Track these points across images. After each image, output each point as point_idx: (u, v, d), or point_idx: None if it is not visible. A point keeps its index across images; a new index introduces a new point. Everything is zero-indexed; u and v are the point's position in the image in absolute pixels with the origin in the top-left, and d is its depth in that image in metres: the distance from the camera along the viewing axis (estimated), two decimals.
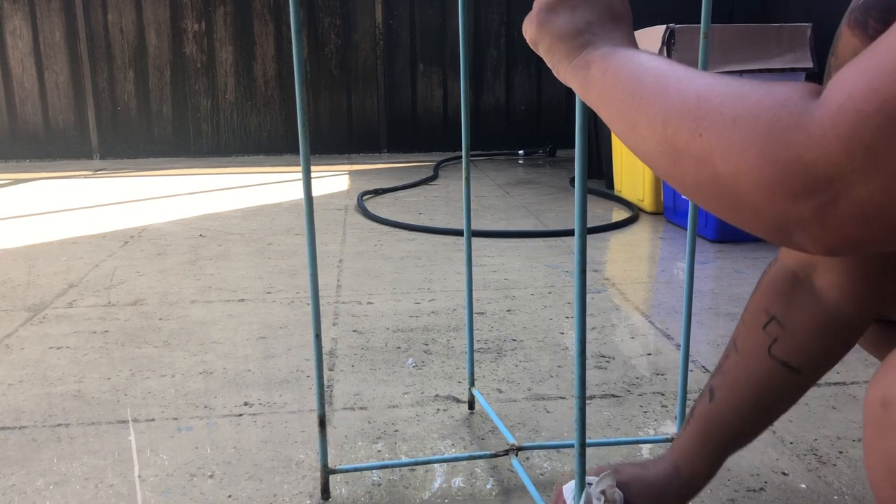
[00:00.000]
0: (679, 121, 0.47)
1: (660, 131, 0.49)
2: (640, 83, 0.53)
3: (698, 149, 0.45)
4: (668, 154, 0.48)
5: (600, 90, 0.58)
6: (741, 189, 0.42)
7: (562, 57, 0.62)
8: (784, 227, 0.41)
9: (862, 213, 0.38)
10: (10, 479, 1.14)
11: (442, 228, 2.89)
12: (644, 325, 1.82)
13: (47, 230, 2.99)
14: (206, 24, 5.42)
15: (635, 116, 0.52)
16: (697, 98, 0.47)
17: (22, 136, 5.45)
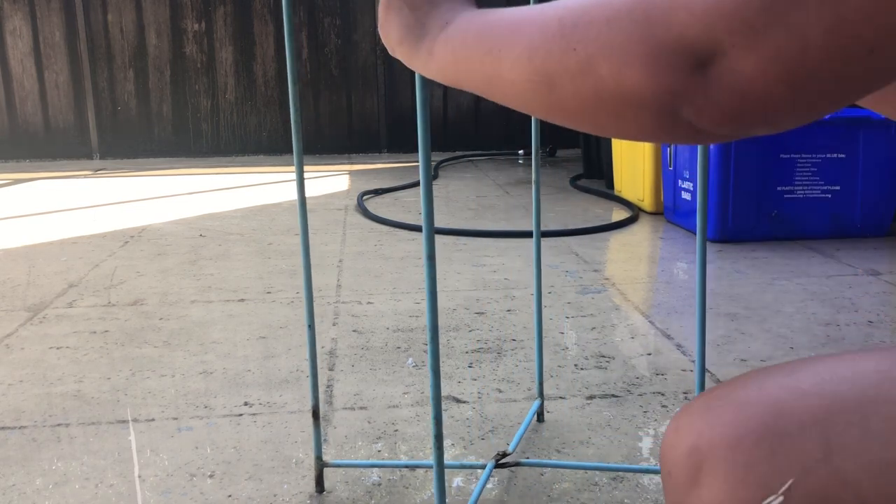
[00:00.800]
0: (546, 47, 0.46)
1: (527, 67, 0.48)
2: (492, 37, 0.52)
3: (574, 63, 0.45)
4: (542, 85, 0.47)
5: (455, 66, 0.56)
6: (626, 81, 0.42)
7: (411, 57, 0.61)
8: (672, 106, 0.42)
9: (738, 85, 0.40)
10: (10, 479, 1.14)
11: (442, 228, 2.89)
12: (644, 325, 1.82)
13: (47, 230, 2.99)
14: (206, 24, 5.42)
15: (498, 69, 0.50)
16: (559, 21, 0.46)
17: (22, 136, 5.45)
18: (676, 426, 0.56)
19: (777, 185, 2.64)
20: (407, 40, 0.60)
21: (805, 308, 1.92)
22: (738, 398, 0.54)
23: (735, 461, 0.51)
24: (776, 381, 0.55)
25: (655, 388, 1.45)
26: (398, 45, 0.61)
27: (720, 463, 0.51)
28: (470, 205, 3.48)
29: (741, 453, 0.51)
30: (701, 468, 0.52)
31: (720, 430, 0.52)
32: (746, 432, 0.51)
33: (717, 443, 0.52)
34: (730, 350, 1.64)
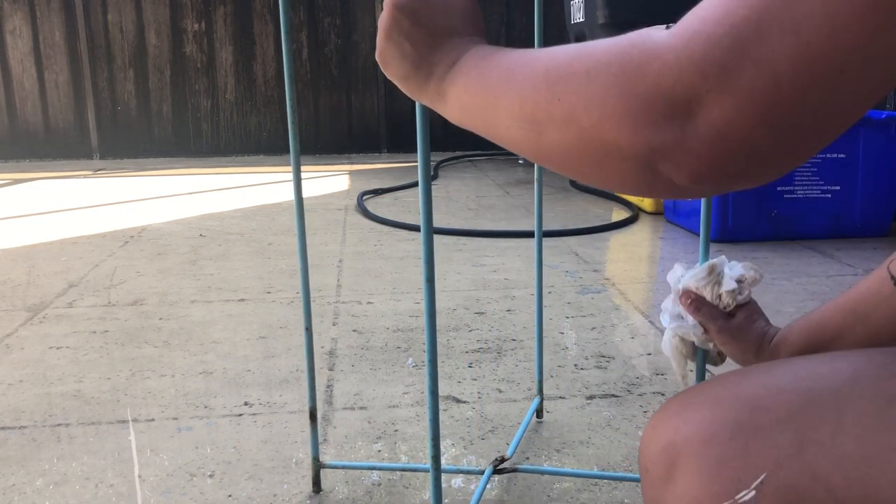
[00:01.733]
0: (534, 96, 0.48)
1: (519, 114, 0.49)
2: (489, 85, 0.52)
3: (559, 112, 0.46)
4: (532, 132, 0.48)
5: (461, 112, 0.56)
6: (606, 134, 0.43)
7: (419, 94, 0.61)
8: (650, 160, 0.42)
9: (718, 132, 0.39)
10: (10, 479, 1.14)
11: (442, 228, 2.89)
12: (644, 325, 1.82)
13: (47, 230, 2.99)
14: (206, 24, 5.42)
15: (497, 116, 0.51)
16: (545, 71, 0.47)
17: (22, 136, 5.45)
18: (654, 424, 0.57)
19: (777, 185, 2.64)
20: (414, 78, 0.60)
21: (805, 308, 1.92)
22: (715, 395, 0.55)
23: (708, 456, 0.52)
24: (753, 378, 0.56)
25: (655, 388, 1.45)
26: (403, 80, 0.61)
27: (694, 458, 0.52)
28: (470, 205, 3.48)
29: (714, 448, 0.52)
30: (675, 463, 0.53)
31: (695, 427, 0.53)
32: (720, 428, 0.52)
33: (691, 438, 0.53)
34: None
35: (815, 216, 2.67)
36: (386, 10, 0.60)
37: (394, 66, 0.61)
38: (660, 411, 0.58)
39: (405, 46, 0.59)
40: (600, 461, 1.19)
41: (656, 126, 0.40)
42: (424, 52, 0.59)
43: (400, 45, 0.60)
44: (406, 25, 0.59)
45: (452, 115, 0.57)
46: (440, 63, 0.58)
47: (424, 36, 0.59)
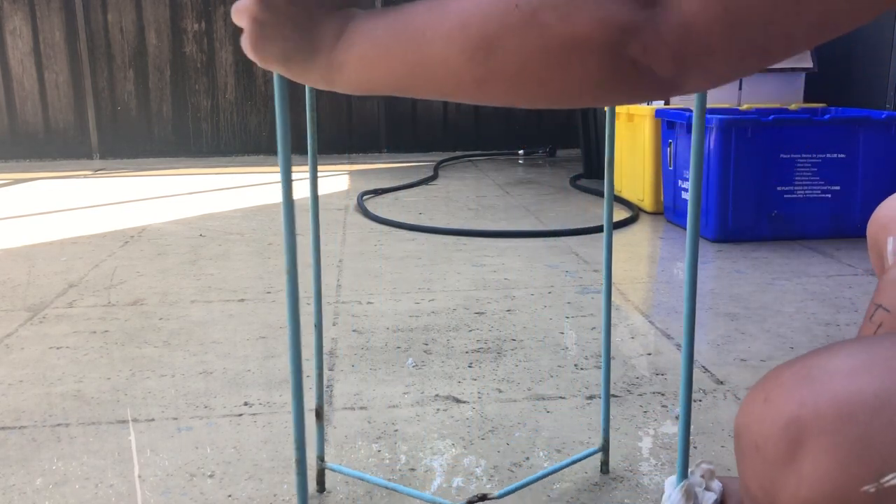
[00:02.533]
0: (482, 11, 0.46)
1: (461, 38, 0.47)
2: (414, 24, 0.50)
3: (517, 19, 0.45)
4: (478, 51, 0.46)
5: (369, 69, 0.53)
6: (573, 26, 0.43)
7: (305, 73, 0.58)
8: (619, 43, 0.43)
9: (684, 20, 0.41)
10: (10, 479, 1.14)
11: (442, 228, 2.89)
12: (644, 325, 1.82)
13: (47, 230, 2.99)
14: (206, 23, 5.42)
15: (425, 53, 0.49)
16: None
17: (22, 136, 5.45)
18: (766, 396, 0.51)
19: (777, 185, 2.64)
20: (295, 59, 0.58)
21: (805, 308, 1.92)
22: (842, 368, 0.49)
23: (847, 433, 0.46)
24: (873, 351, 0.50)
25: (655, 388, 1.45)
26: (283, 63, 0.59)
27: (828, 436, 0.46)
28: (470, 205, 3.48)
29: (854, 425, 0.46)
30: (802, 441, 0.47)
31: (828, 400, 0.47)
32: (860, 402, 0.46)
33: (824, 413, 0.47)
34: (730, 350, 1.64)
35: (815, 216, 2.67)
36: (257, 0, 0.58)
37: (271, 51, 0.58)
38: (768, 384, 0.51)
39: (284, 29, 0.57)
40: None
41: (628, 9, 0.42)
42: (305, 29, 0.56)
43: (276, 28, 0.57)
44: (280, 5, 0.57)
45: (351, 80, 0.55)
46: (324, 35, 0.56)
47: (300, 14, 0.57)
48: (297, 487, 0.79)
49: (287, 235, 0.72)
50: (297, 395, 0.73)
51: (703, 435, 1.26)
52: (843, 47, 3.48)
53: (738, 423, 0.53)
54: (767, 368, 1.48)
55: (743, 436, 0.52)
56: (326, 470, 1.12)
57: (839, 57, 3.49)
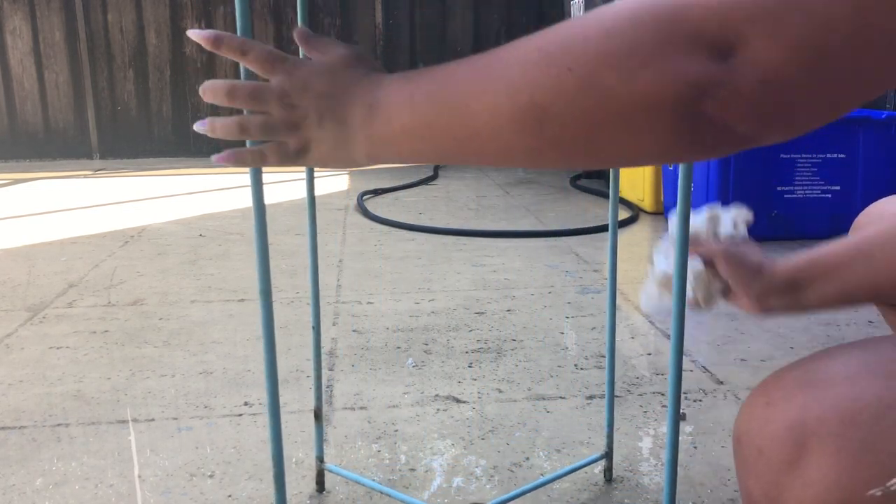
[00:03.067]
0: (531, 79, 0.43)
1: (510, 108, 0.44)
2: (453, 94, 0.47)
3: (573, 84, 0.41)
4: (530, 121, 0.43)
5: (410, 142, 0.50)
6: (640, 86, 0.40)
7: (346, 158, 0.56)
8: (693, 100, 0.40)
9: (763, 74, 0.38)
10: (10, 479, 1.14)
11: (442, 228, 2.89)
12: (644, 325, 1.82)
13: (47, 230, 2.98)
14: (206, 24, 5.42)
15: (471, 124, 0.46)
16: (539, 50, 0.43)
17: (22, 136, 5.45)
18: (768, 400, 0.50)
19: (777, 185, 2.64)
20: (342, 146, 0.55)
21: None
22: (843, 371, 0.49)
23: (851, 437, 0.45)
24: (885, 351, 0.50)
25: (655, 388, 1.45)
26: (333, 158, 0.57)
27: (832, 440, 0.46)
28: (470, 205, 3.47)
29: (858, 428, 0.46)
30: (806, 446, 0.47)
31: (830, 404, 0.47)
32: (863, 406, 0.46)
33: (827, 418, 0.47)
34: (730, 350, 1.64)
35: (815, 216, 2.67)
36: (282, 103, 0.56)
37: (321, 149, 0.56)
38: (769, 388, 0.51)
39: (325, 124, 0.55)
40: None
41: (701, 62, 0.39)
42: (340, 117, 0.54)
43: (319, 127, 0.55)
44: (314, 105, 0.55)
45: (400, 153, 0.52)
46: (355, 115, 0.53)
47: (328, 102, 0.55)
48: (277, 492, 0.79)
49: (259, 255, 0.70)
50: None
51: (704, 435, 1.26)
52: None
53: (738, 428, 0.53)
54: (767, 368, 1.48)
55: (744, 440, 0.51)
56: (326, 471, 1.12)
57: None
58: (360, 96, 0.53)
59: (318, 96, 0.55)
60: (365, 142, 0.53)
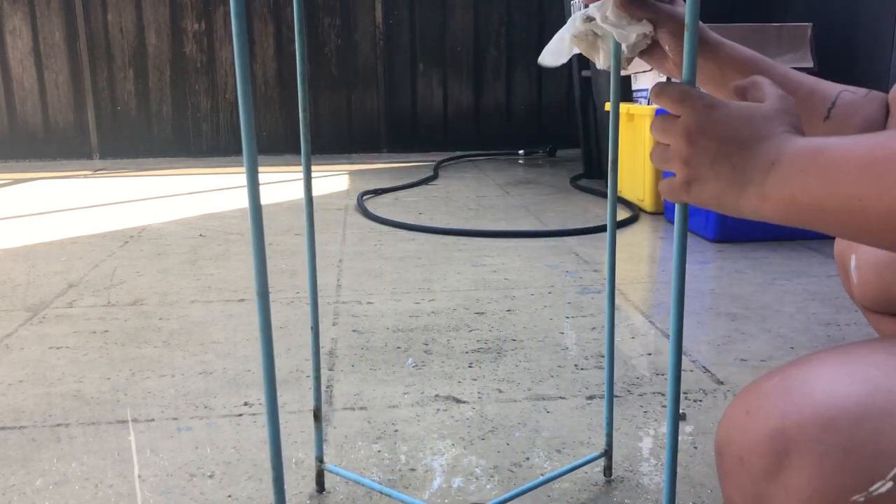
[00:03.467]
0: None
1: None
2: (844, 182, 0.48)
3: None
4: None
5: (798, 211, 0.52)
6: None
7: (737, 208, 0.57)
8: None
9: None
10: (10, 479, 1.14)
11: (442, 228, 2.89)
12: (644, 325, 1.82)
13: (47, 230, 2.98)
14: (206, 23, 5.42)
15: (862, 216, 0.47)
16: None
17: (21, 136, 5.45)
18: (747, 409, 0.51)
19: None
20: (729, 194, 0.56)
21: (805, 308, 1.92)
22: (822, 378, 0.49)
23: (831, 443, 0.45)
24: (862, 356, 0.51)
25: (655, 388, 1.45)
26: (717, 201, 0.58)
27: (813, 446, 0.46)
28: (470, 205, 3.47)
29: (838, 434, 0.45)
30: (787, 453, 0.47)
31: (810, 411, 0.47)
32: (842, 411, 0.46)
33: (806, 424, 0.47)
34: (730, 350, 1.64)
35: None
36: (684, 137, 0.57)
37: (708, 190, 0.57)
38: (749, 396, 0.51)
39: (717, 165, 0.56)
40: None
41: None
42: (736, 164, 0.55)
43: (710, 167, 0.57)
44: (712, 145, 0.56)
45: (778, 215, 0.53)
46: (756, 168, 0.54)
47: (734, 149, 0.56)
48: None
49: (256, 255, 0.69)
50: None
51: (704, 435, 1.26)
52: (843, 47, 3.48)
53: (719, 438, 0.53)
54: (767, 368, 1.48)
55: (725, 450, 0.51)
56: (325, 471, 1.12)
57: (839, 57, 3.49)
58: (767, 151, 0.54)
59: (718, 140, 0.56)
60: (755, 196, 0.54)
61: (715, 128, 0.56)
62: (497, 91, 5.75)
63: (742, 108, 0.57)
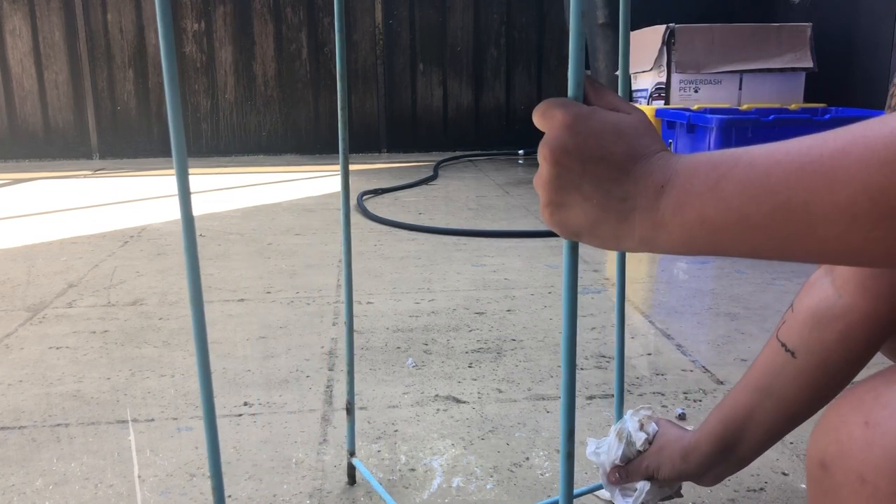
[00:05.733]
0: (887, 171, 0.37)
1: (872, 211, 0.38)
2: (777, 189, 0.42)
3: None
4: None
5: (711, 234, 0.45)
6: None
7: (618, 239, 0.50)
8: None
9: None
10: (10, 479, 1.14)
11: (442, 228, 2.89)
12: (644, 325, 1.82)
13: (47, 230, 2.98)
14: (206, 23, 5.42)
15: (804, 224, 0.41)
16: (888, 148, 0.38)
17: (21, 136, 5.45)
18: (865, 419, 0.45)
19: None
20: (605, 222, 0.50)
21: None
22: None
23: None
24: None
25: (655, 388, 1.45)
26: (592, 229, 0.50)
27: None
28: (470, 205, 3.47)
29: None
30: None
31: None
32: None
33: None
34: (730, 350, 1.64)
35: None
36: (545, 158, 0.50)
37: (575, 217, 0.50)
38: (869, 403, 0.45)
39: (584, 188, 0.49)
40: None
41: None
42: (610, 188, 0.49)
43: (577, 190, 0.50)
44: (576, 166, 0.49)
45: (678, 243, 0.47)
46: (638, 192, 0.48)
47: (604, 169, 0.49)
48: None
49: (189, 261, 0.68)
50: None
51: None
52: (843, 47, 3.48)
53: (826, 451, 0.46)
54: None
55: (838, 465, 0.45)
56: (327, 470, 1.12)
57: (839, 57, 3.49)
58: (650, 172, 0.48)
59: (583, 159, 0.49)
60: (645, 224, 0.48)
61: (580, 145, 0.49)
62: (497, 91, 5.75)
63: (607, 122, 0.50)
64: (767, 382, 0.81)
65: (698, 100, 3.24)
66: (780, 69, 3.27)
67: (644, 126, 0.51)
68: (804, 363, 0.77)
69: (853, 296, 0.71)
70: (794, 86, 3.33)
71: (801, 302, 0.77)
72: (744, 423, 0.84)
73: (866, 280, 0.69)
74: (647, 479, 0.94)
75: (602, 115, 0.50)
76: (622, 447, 0.94)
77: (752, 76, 3.25)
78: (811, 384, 0.77)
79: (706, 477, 0.90)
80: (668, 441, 0.92)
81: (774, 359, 0.79)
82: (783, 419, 0.81)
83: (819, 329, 0.74)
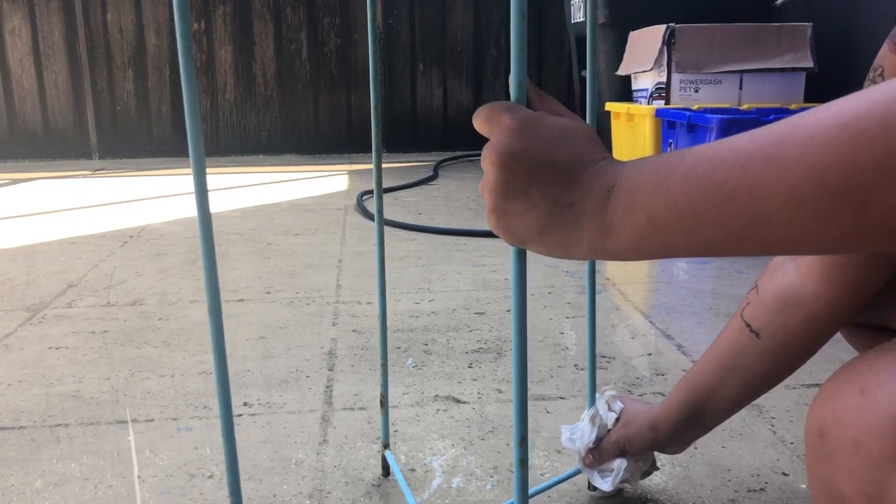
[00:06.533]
0: (847, 160, 0.37)
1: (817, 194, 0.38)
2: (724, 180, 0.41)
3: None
4: (847, 207, 0.38)
5: (659, 234, 0.44)
6: None
7: (566, 246, 0.50)
8: None
9: None
10: (10, 479, 1.14)
11: (442, 228, 2.89)
12: (644, 325, 1.82)
13: (46, 230, 2.98)
14: (206, 23, 5.42)
15: (755, 213, 0.40)
16: (846, 127, 0.37)
17: (21, 136, 5.45)
18: (861, 387, 0.46)
19: None
20: (553, 228, 0.49)
21: None
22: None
23: None
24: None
25: (656, 388, 1.45)
26: (539, 235, 0.51)
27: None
28: (470, 205, 3.47)
29: None
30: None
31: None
32: None
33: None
34: None
35: None
36: (491, 163, 0.49)
37: (522, 223, 0.50)
38: (864, 372, 0.46)
39: (532, 195, 0.48)
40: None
41: None
42: (557, 194, 0.48)
43: (524, 196, 0.49)
44: (523, 171, 0.48)
45: (629, 247, 0.46)
46: (586, 198, 0.47)
47: (552, 175, 0.48)
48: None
49: (207, 264, 0.66)
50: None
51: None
52: (843, 47, 3.48)
53: (823, 418, 0.47)
54: None
55: (834, 432, 0.46)
56: (326, 471, 1.12)
57: (839, 57, 3.49)
58: (596, 177, 0.47)
59: (530, 165, 0.48)
60: (593, 230, 0.47)
61: (528, 150, 0.48)
62: (497, 91, 5.74)
63: (554, 127, 0.49)
64: (731, 360, 0.85)
65: (698, 100, 3.24)
66: (781, 69, 3.27)
67: (590, 133, 0.50)
68: (767, 343, 0.80)
69: (817, 285, 0.73)
70: (794, 86, 3.33)
71: (765, 284, 0.80)
72: (709, 395, 0.90)
73: (831, 271, 0.71)
74: (620, 455, 0.99)
75: (549, 119, 0.50)
76: (595, 431, 0.99)
77: (752, 76, 3.25)
78: (774, 362, 0.81)
79: (674, 444, 0.98)
80: (636, 415, 1.00)
81: (739, 338, 0.84)
82: (746, 392, 0.87)
83: (783, 314, 0.77)
